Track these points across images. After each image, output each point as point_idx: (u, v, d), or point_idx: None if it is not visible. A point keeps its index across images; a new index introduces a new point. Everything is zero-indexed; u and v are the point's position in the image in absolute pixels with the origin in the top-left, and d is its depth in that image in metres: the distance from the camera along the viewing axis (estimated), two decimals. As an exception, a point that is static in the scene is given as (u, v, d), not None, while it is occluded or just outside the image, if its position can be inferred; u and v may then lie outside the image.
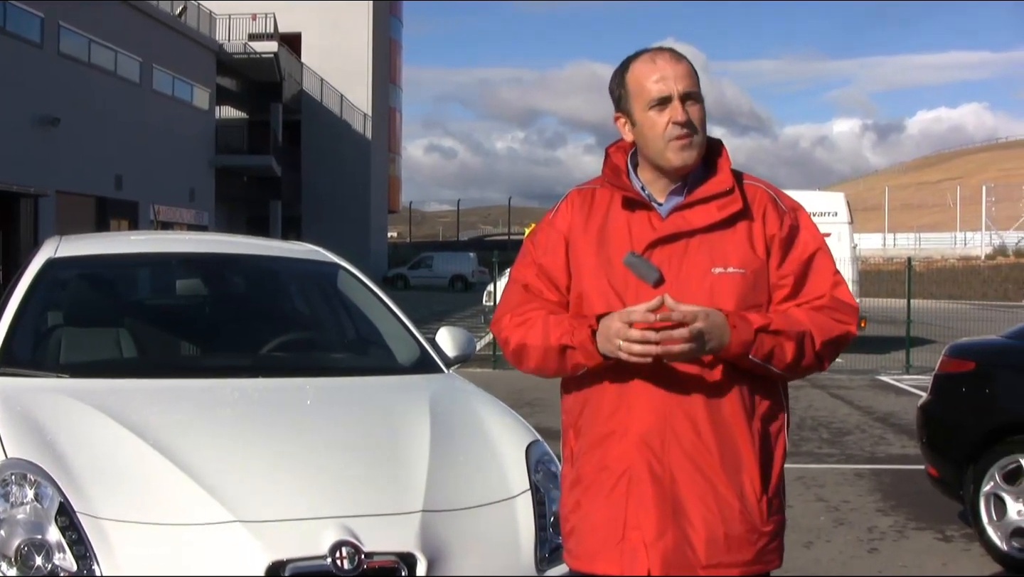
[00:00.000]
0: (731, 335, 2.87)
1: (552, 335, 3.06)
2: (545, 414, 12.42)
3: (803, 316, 3.02)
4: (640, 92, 3.08)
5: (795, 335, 2.95)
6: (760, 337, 2.91)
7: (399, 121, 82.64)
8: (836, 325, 3.06)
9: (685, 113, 3.03)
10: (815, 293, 3.08)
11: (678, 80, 3.04)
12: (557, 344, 3.05)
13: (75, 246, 6.22)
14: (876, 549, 7.91)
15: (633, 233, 3.08)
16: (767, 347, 2.93)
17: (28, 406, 4.60)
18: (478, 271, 63.06)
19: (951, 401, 8.26)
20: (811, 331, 2.99)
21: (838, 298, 3.09)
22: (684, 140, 3.03)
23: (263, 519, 3.85)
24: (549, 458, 4.67)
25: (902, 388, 18.08)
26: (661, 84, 3.04)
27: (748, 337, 2.89)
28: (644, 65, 3.09)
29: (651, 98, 3.04)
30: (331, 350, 6.35)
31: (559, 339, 3.04)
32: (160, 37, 45.96)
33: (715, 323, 2.85)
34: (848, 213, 24.03)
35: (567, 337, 3.02)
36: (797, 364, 3.00)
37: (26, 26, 35.82)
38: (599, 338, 2.93)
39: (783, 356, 2.96)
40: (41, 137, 36.01)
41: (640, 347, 2.83)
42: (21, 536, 3.78)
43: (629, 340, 2.83)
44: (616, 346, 2.86)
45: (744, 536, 3.01)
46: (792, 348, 2.96)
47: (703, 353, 2.88)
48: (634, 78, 3.10)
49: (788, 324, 2.96)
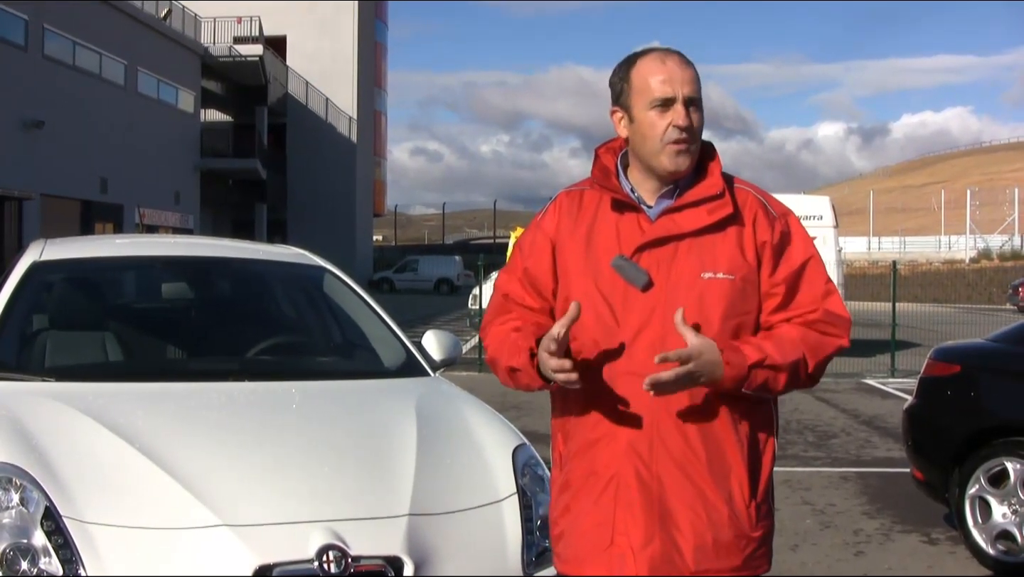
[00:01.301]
0: (724, 371, 2.86)
1: (504, 353, 3.09)
2: (531, 417, 12.43)
3: (796, 336, 3.00)
4: (644, 89, 3.04)
5: (788, 366, 2.94)
6: (753, 373, 2.89)
7: (384, 124, 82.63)
8: (828, 342, 3.05)
9: (688, 118, 3.00)
10: (807, 305, 3.06)
11: (684, 84, 3.01)
12: (506, 365, 3.08)
13: (60, 249, 6.20)
14: (862, 552, 7.92)
15: (621, 236, 3.05)
16: (760, 380, 2.92)
17: (13, 410, 4.57)
18: (464, 274, 63.16)
19: (936, 404, 8.27)
20: (804, 356, 2.98)
21: (830, 311, 3.07)
22: (681, 145, 3.01)
23: (250, 523, 3.83)
24: (536, 462, 4.66)
25: (887, 391, 18.13)
26: (667, 85, 3.01)
27: (741, 374, 2.88)
28: (652, 63, 3.06)
29: (655, 97, 3.01)
30: (317, 354, 6.34)
31: (508, 360, 3.07)
32: (145, 40, 45.91)
33: (708, 361, 2.83)
34: (833, 217, 24.08)
35: (513, 358, 3.04)
36: (789, 389, 3.01)
37: (10, 28, 35.74)
38: (540, 363, 2.95)
39: (776, 386, 2.96)
40: (25, 140, 35.92)
41: (562, 376, 2.87)
42: (6, 540, 3.76)
43: (552, 370, 2.87)
44: (550, 373, 2.90)
45: (732, 542, 3.00)
46: (785, 378, 2.96)
47: (693, 387, 2.88)
48: (640, 74, 3.06)
49: (782, 355, 2.93)
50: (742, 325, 3.01)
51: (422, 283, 63.54)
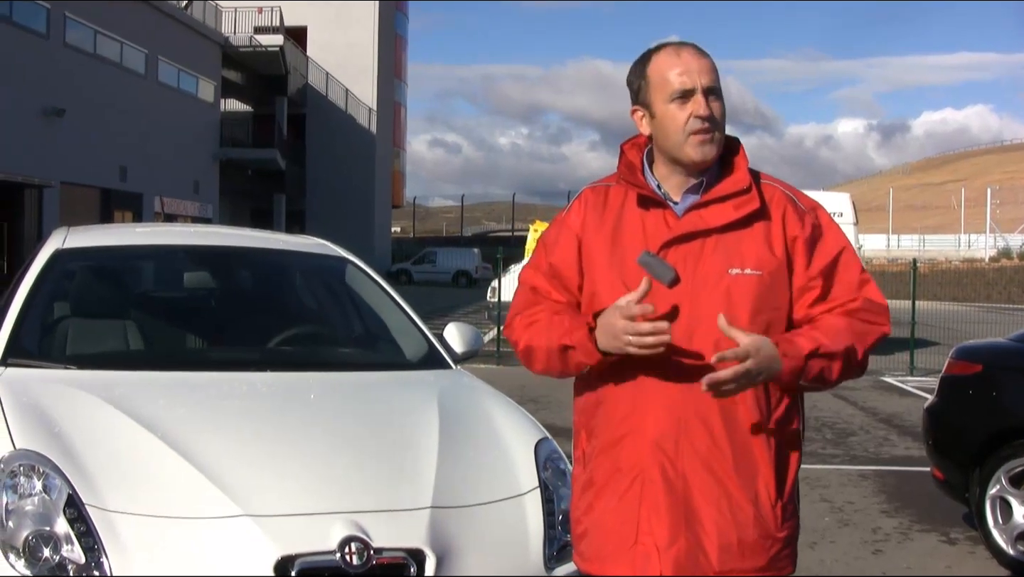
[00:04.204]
0: (782, 365, 2.84)
1: (553, 335, 3.05)
2: (549, 411, 12.42)
3: (842, 325, 2.99)
4: (662, 84, 3.03)
5: (841, 353, 2.93)
6: (810, 363, 2.88)
7: (403, 116, 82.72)
8: (872, 329, 3.04)
9: (708, 107, 2.99)
10: (845, 295, 3.05)
11: (702, 74, 3.01)
12: (558, 344, 3.04)
13: (83, 237, 6.21)
14: (880, 551, 7.90)
15: (648, 232, 3.04)
16: (816, 370, 2.91)
17: (36, 397, 4.57)
18: (481, 267, 63.18)
19: (957, 403, 8.24)
20: (854, 343, 2.97)
21: (870, 299, 3.07)
22: (705, 135, 3.00)
23: (272, 513, 3.84)
24: (558, 455, 4.65)
25: (906, 389, 18.07)
26: (684, 77, 3.00)
27: (799, 365, 2.87)
28: (668, 57, 3.05)
29: (673, 90, 3.01)
30: (339, 345, 6.34)
31: (559, 339, 3.03)
32: (166, 29, 45.93)
33: (765, 356, 2.81)
34: (853, 214, 24.00)
35: (566, 337, 3.00)
36: (842, 378, 3.00)
37: (32, 17, 35.79)
38: (600, 336, 2.90)
39: (830, 375, 2.95)
40: (46, 128, 35.99)
41: (653, 338, 2.80)
42: (29, 528, 3.76)
43: (640, 333, 2.80)
44: (625, 342, 2.83)
45: (758, 542, 2.98)
46: (839, 366, 2.95)
47: (751, 387, 2.87)
48: (656, 69, 3.06)
49: (835, 342, 2.92)
50: (772, 321, 2.98)
51: (440, 275, 63.54)
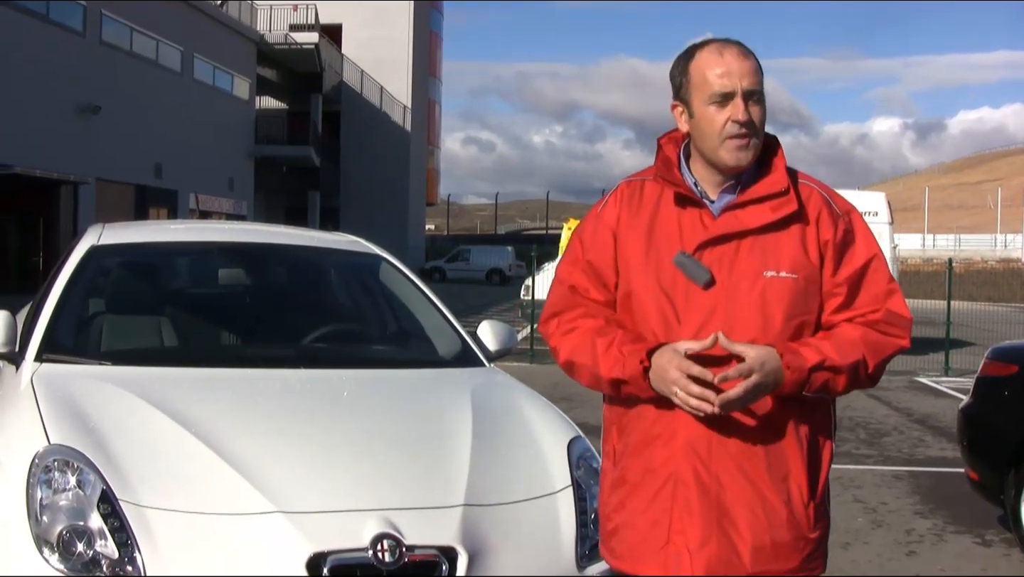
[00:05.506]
0: (784, 376, 2.84)
1: (602, 366, 3.00)
2: (582, 409, 12.38)
3: (857, 337, 2.96)
4: (702, 84, 2.98)
5: (848, 367, 2.91)
6: (813, 376, 2.87)
7: (438, 113, 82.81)
8: (889, 342, 3.01)
9: (747, 112, 2.94)
10: (869, 304, 3.03)
11: (743, 77, 2.95)
12: (608, 377, 3.00)
13: (118, 234, 6.24)
14: (914, 552, 7.85)
15: (684, 231, 3.00)
16: (819, 382, 2.89)
17: (70, 393, 4.59)
18: (515, 265, 63.12)
19: (993, 404, 8.18)
20: (865, 356, 2.94)
21: (892, 311, 3.03)
22: (742, 140, 2.96)
23: (304, 510, 3.84)
24: (591, 454, 4.63)
25: (941, 390, 17.94)
26: (725, 79, 2.95)
27: (801, 377, 2.85)
28: (710, 56, 3.00)
29: (713, 92, 2.96)
30: (373, 342, 6.34)
31: (609, 371, 2.98)
32: (201, 27, 46.18)
33: (770, 370, 2.81)
34: (889, 213, 23.80)
35: (618, 370, 2.96)
36: (849, 390, 2.98)
37: (69, 14, 36.10)
38: (652, 376, 2.89)
39: (836, 388, 2.94)
40: (82, 125, 36.26)
41: (697, 402, 2.81)
42: (63, 522, 3.78)
43: (689, 393, 2.81)
44: (672, 391, 2.84)
45: (791, 543, 2.97)
46: (845, 379, 2.93)
47: (761, 398, 2.87)
48: (698, 68, 3.01)
49: (842, 356, 2.90)
50: (804, 325, 2.97)
51: (474, 273, 63.59)
